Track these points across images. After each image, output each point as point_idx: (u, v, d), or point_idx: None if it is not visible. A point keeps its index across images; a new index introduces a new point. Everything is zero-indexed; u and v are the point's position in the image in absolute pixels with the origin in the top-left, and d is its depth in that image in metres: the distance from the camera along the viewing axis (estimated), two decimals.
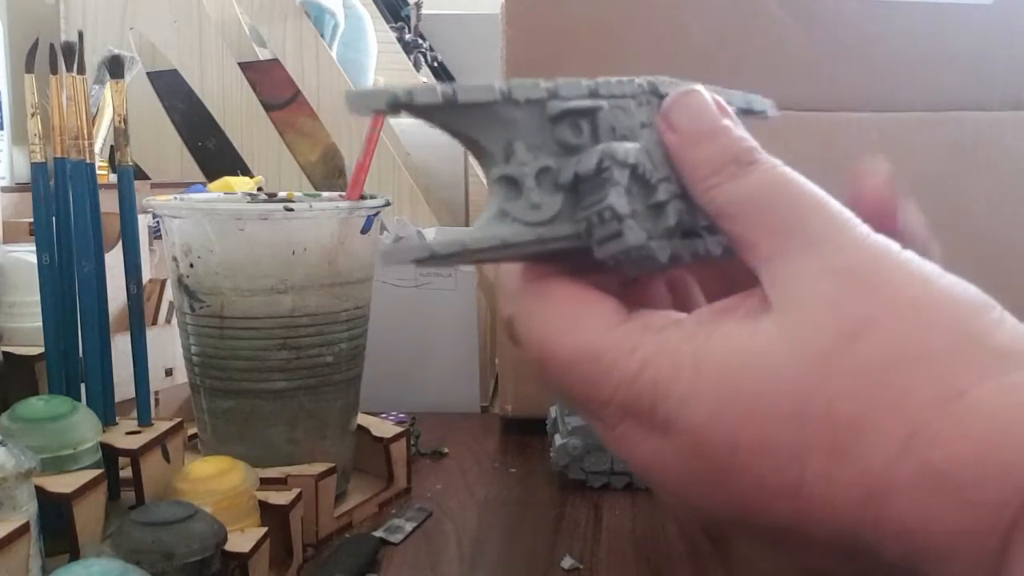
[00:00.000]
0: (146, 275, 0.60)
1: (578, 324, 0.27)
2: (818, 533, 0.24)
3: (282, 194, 0.60)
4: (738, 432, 0.24)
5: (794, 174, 0.27)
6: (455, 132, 0.27)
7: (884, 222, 0.27)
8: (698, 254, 0.28)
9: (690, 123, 0.28)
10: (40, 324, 0.52)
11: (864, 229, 0.25)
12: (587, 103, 0.28)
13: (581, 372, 0.26)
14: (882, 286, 0.24)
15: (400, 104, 0.26)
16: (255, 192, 0.66)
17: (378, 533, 0.53)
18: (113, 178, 0.58)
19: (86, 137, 0.51)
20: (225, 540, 0.41)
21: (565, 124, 0.27)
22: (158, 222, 0.58)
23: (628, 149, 0.27)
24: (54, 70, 0.51)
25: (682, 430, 0.25)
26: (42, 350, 0.53)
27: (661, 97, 0.29)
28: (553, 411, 0.65)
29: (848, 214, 0.26)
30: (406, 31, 1.24)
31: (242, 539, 0.43)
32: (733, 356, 0.25)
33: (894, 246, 0.25)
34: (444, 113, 0.26)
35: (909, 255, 0.25)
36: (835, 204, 0.26)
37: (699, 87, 0.28)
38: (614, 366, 0.26)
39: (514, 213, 0.27)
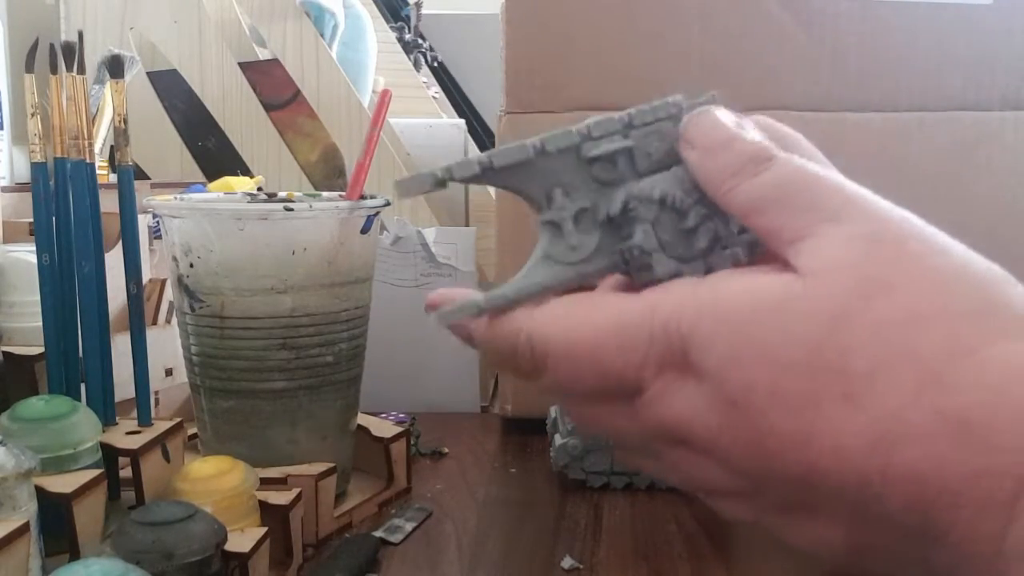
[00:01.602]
0: (146, 275, 0.60)
1: (593, 308, 0.28)
2: (825, 488, 0.25)
3: (282, 194, 0.60)
4: (754, 375, 0.25)
5: (810, 164, 0.28)
6: (501, 187, 0.30)
7: None
8: (738, 260, 0.29)
9: (705, 137, 0.29)
10: (40, 324, 0.52)
11: (885, 203, 0.27)
12: (616, 145, 0.30)
13: (612, 345, 0.27)
14: (903, 252, 0.25)
15: (443, 181, 0.29)
16: (255, 192, 0.66)
17: (378, 533, 0.53)
18: (113, 178, 0.58)
19: (86, 137, 0.51)
20: (225, 540, 0.41)
21: (600, 164, 0.30)
22: (158, 222, 0.58)
23: (655, 183, 0.29)
24: (54, 70, 0.51)
25: (706, 372, 0.26)
26: (42, 350, 0.53)
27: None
28: (553, 411, 0.65)
29: (866, 192, 0.27)
30: (406, 31, 1.24)
31: (242, 539, 0.43)
32: (752, 302, 0.26)
33: (915, 218, 0.26)
34: (486, 178, 0.29)
35: (930, 228, 0.26)
36: (852, 185, 0.27)
37: (713, 107, 0.30)
38: (640, 327, 0.27)
39: (555, 256, 0.30)
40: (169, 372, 0.65)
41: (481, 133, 1.26)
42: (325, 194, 0.60)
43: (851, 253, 0.25)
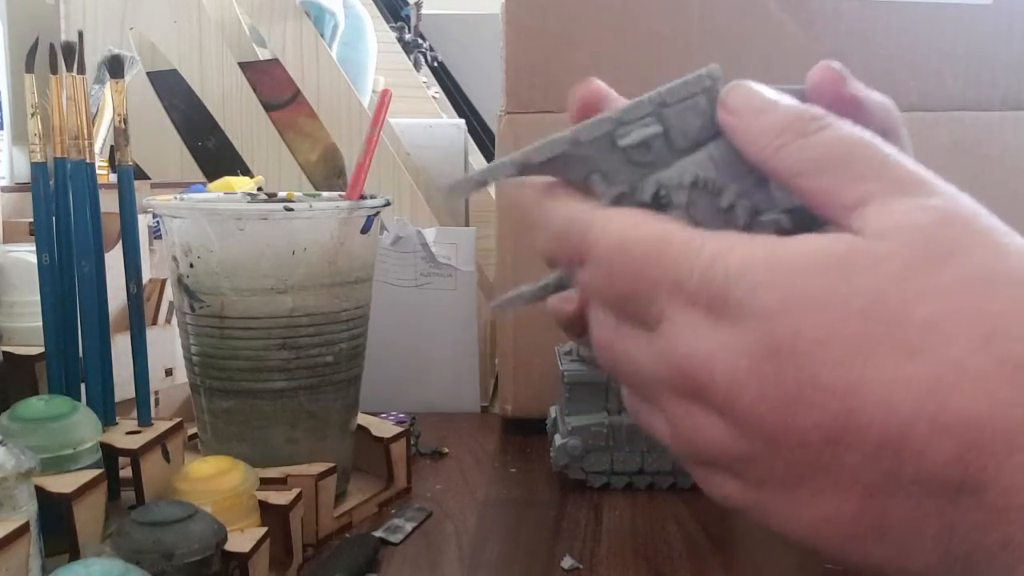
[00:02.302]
0: (146, 275, 0.60)
1: (652, 220, 0.28)
2: (856, 446, 0.24)
3: (282, 194, 0.60)
4: (803, 322, 0.24)
5: (867, 132, 0.27)
6: (542, 175, 0.31)
7: (841, 106, 0.29)
8: (781, 228, 0.29)
9: (745, 101, 0.29)
10: (40, 324, 0.52)
11: (948, 184, 0.26)
12: (649, 131, 0.30)
13: (665, 250, 0.27)
14: (974, 225, 0.25)
15: (484, 183, 0.31)
16: (255, 192, 0.66)
17: (378, 533, 0.53)
18: (113, 178, 0.58)
19: (86, 137, 0.51)
20: (225, 540, 0.41)
21: (635, 149, 0.30)
22: (158, 222, 0.58)
23: (684, 168, 0.29)
24: (54, 70, 0.51)
25: (748, 315, 0.25)
26: (42, 350, 0.53)
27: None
28: (553, 411, 0.65)
29: (927, 170, 0.27)
30: (406, 31, 1.24)
31: (242, 539, 0.43)
32: (812, 257, 0.25)
33: (980, 206, 0.26)
34: (525, 175, 0.30)
35: (995, 217, 0.26)
36: (913, 161, 0.27)
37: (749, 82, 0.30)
38: (688, 255, 0.27)
39: None
40: (169, 372, 0.65)
41: (481, 133, 1.26)
42: (325, 194, 0.60)
43: (921, 219, 0.25)
